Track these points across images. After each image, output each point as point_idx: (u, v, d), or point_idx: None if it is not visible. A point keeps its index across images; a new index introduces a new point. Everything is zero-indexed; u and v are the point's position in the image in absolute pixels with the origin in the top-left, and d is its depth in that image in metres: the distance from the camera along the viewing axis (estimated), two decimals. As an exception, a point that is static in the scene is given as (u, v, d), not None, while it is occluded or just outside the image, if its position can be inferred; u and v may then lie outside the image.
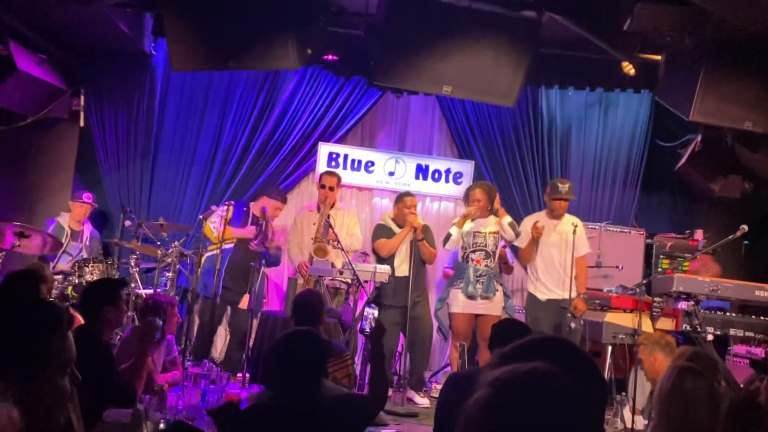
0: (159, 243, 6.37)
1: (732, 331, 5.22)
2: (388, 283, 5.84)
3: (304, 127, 7.46)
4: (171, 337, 4.64)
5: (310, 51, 6.08)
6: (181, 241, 6.43)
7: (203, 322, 6.37)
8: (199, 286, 6.21)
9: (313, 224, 6.28)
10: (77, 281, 5.90)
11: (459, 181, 7.57)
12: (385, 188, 7.63)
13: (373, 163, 7.57)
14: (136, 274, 6.19)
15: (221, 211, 6.04)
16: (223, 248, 5.96)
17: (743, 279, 5.67)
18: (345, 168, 7.45)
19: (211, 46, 5.88)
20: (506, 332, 3.75)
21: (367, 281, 5.70)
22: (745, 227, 5.49)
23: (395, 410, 5.53)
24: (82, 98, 7.23)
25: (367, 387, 3.62)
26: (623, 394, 5.26)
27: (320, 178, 6.55)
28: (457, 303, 5.88)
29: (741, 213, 6.56)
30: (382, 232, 6.20)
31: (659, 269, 6.80)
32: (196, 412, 3.40)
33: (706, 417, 2.30)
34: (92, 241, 6.77)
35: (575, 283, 5.83)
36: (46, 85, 6.82)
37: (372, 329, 3.27)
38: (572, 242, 5.76)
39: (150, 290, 6.09)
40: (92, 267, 6.00)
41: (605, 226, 6.99)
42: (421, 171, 7.60)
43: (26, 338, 1.56)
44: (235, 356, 6.13)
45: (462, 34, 5.92)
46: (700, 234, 6.99)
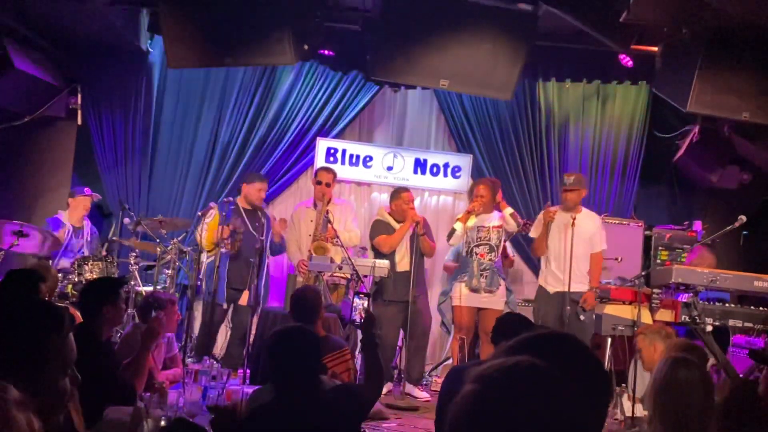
0: (158, 240, 6.36)
1: (731, 322, 5.23)
2: (388, 277, 5.86)
3: (302, 122, 7.45)
4: (171, 334, 4.65)
5: (306, 46, 6.07)
6: (180, 238, 6.42)
7: (205, 320, 6.36)
8: (205, 295, 6.19)
9: (311, 221, 6.27)
10: (77, 279, 5.89)
11: (457, 175, 7.57)
12: (383, 183, 7.62)
13: (371, 158, 7.57)
14: (136, 272, 6.19)
15: (207, 217, 6.03)
16: (220, 252, 5.98)
17: (742, 269, 5.68)
18: (343, 163, 7.44)
19: (208, 43, 5.87)
20: (508, 326, 3.77)
21: (366, 276, 5.71)
22: (744, 218, 5.48)
23: (396, 404, 5.54)
24: (80, 96, 7.21)
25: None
26: (623, 386, 5.27)
27: (316, 174, 6.52)
28: (461, 296, 5.90)
29: (739, 203, 6.56)
30: (381, 228, 6.20)
31: (658, 261, 6.81)
32: (197, 409, 3.41)
33: (701, 407, 2.31)
34: (93, 237, 6.77)
35: (588, 277, 5.82)
36: (43, 83, 6.80)
37: (362, 319, 3.29)
38: (583, 236, 5.75)
39: (150, 288, 6.10)
40: (92, 265, 5.99)
41: (604, 218, 6.98)
42: (420, 165, 7.60)
43: (25, 339, 1.56)
44: (236, 352, 6.12)
45: (458, 27, 5.92)
46: (698, 225, 7.00)
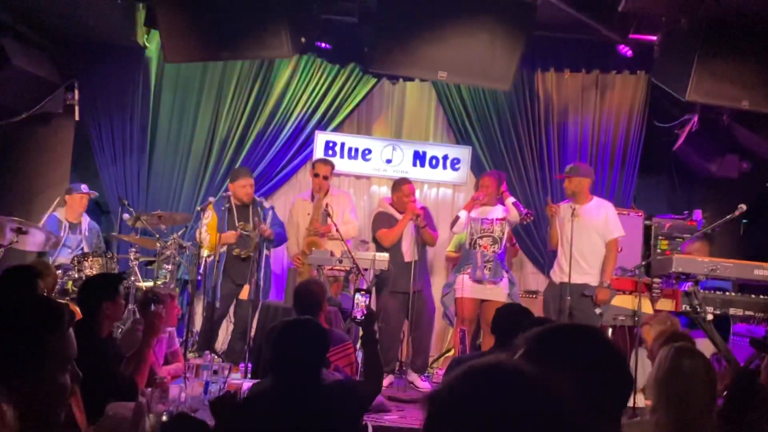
0: (158, 236, 6.35)
1: (732, 311, 5.24)
2: (389, 270, 5.86)
3: (300, 116, 7.43)
4: (172, 329, 4.65)
5: (303, 39, 6.04)
6: (179, 233, 6.42)
7: (208, 316, 6.36)
8: (208, 295, 6.19)
9: (308, 214, 6.27)
10: (77, 275, 5.88)
11: (456, 167, 7.55)
12: (382, 176, 7.60)
13: (370, 151, 7.55)
14: (136, 268, 6.18)
15: (204, 219, 6.02)
16: (219, 252, 5.98)
17: (742, 258, 5.67)
18: (342, 156, 7.42)
19: (204, 37, 5.85)
20: (509, 317, 3.78)
21: (366, 269, 5.70)
22: (743, 206, 5.46)
23: (398, 396, 5.54)
24: (77, 92, 7.19)
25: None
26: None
27: (313, 167, 6.50)
28: (464, 287, 5.89)
29: (739, 192, 6.54)
30: (385, 220, 6.19)
31: (658, 250, 6.80)
32: (199, 404, 3.41)
33: (704, 396, 2.31)
34: (91, 232, 6.75)
35: (595, 269, 5.70)
36: (40, 79, 6.77)
37: (363, 316, 3.30)
38: (587, 227, 5.67)
39: (150, 283, 6.09)
40: (92, 261, 5.98)
41: (603, 208, 6.97)
42: (419, 157, 7.58)
43: (24, 335, 1.55)
44: (237, 347, 6.13)
45: (456, 18, 5.89)
46: (698, 214, 6.99)
